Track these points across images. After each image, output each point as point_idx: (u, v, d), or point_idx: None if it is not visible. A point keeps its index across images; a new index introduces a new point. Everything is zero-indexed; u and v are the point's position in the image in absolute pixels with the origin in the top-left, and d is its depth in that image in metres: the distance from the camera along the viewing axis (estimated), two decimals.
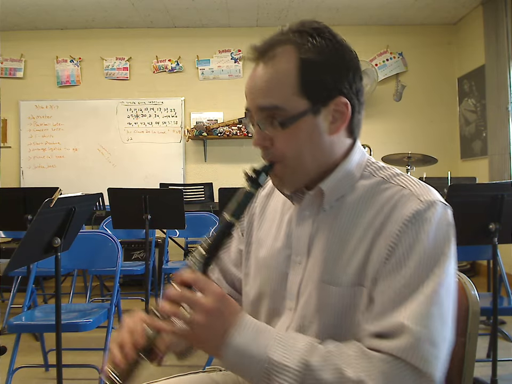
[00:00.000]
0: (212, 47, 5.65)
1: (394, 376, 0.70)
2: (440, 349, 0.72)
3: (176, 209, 2.97)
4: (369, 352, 0.72)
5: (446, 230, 0.77)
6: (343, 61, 0.81)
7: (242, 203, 0.82)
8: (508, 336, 2.97)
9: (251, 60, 0.83)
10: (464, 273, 1.02)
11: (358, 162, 0.86)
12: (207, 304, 0.73)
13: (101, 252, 2.43)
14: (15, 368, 2.24)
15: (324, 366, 0.71)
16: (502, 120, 4.51)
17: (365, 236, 0.80)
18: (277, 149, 0.82)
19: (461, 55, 5.52)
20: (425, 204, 0.77)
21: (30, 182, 5.53)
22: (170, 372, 0.97)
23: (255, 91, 0.82)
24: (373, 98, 5.56)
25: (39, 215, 1.68)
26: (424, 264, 0.74)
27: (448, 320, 0.74)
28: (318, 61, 0.79)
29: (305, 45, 0.79)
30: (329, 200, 0.85)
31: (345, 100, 0.81)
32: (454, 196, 2.06)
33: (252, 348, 0.73)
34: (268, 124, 0.81)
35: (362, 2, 5.00)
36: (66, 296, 3.24)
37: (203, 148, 5.63)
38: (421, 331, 0.70)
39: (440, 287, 0.73)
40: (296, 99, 0.79)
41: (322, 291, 0.82)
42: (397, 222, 0.76)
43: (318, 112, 0.80)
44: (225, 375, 1.07)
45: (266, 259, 0.93)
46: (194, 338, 0.74)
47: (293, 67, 0.79)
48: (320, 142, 0.82)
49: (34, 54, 5.67)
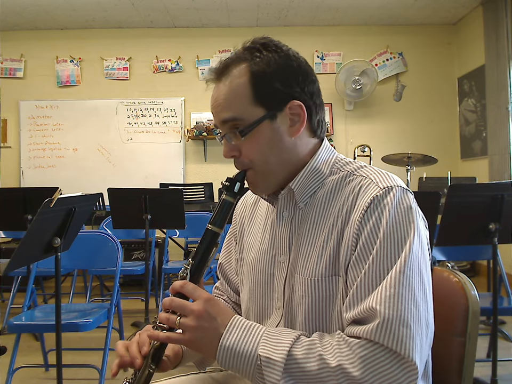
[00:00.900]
0: (212, 47, 5.65)
1: (372, 359, 0.72)
2: (414, 329, 0.73)
3: (176, 209, 2.97)
4: (348, 339, 0.75)
5: (405, 213, 0.79)
6: (290, 68, 0.88)
7: (222, 212, 0.87)
8: (507, 336, 2.97)
9: (211, 81, 0.91)
10: (464, 273, 1.02)
11: (325, 160, 0.92)
12: (195, 308, 0.77)
13: (101, 252, 2.43)
14: (15, 368, 2.24)
15: (308, 356, 0.75)
16: (502, 120, 4.51)
17: (334, 226, 0.84)
18: (244, 157, 0.89)
19: (461, 55, 5.53)
20: (384, 189, 0.81)
21: (30, 182, 5.53)
22: (172, 372, 0.97)
23: (217, 107, 0.89)
24: (373, 98, 5.56)
25: (39, 215, 1.68)
26: (388, 248, 0.77)
27: (420, 301, 0.75)
28: (267, 71, 0.86)
29: (254, 59, 0.87)
30: (301, 197, 0.90)
31: (298, 103, 0.87)
32: (454, 196, 2.06)
33: (242, 347, 0.76)
34: (232, 135, 0.88)
35: (362, 2, 5.00)
36: (66, 296, 3.24)
37: (203, 147, 5.63)
38: (390, 312, 0.73)
39: (407, 269, 0.75)
40: (253, 108, 0.86)
41: (302, 285, 0.86)
42: (359, 210, 0.81)
43: (275, 117, 0.87)
44: (226, 375, 1.08)
45: (255, 262, 0.97)
46: (189, 342, 0.78)
47: (245, 80, 0.86)
48: (283, 145, 0.88)
49: (34, 54, 5.67)
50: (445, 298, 1.01)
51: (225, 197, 0.88)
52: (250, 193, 1.09)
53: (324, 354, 0.74)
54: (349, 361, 0.72)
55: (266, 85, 0.86)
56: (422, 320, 0.75)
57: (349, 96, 5.44)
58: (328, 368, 0.73)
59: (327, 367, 0.73)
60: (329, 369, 0.73)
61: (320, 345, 0.76)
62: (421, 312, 0.75)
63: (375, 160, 4.70)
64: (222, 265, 1.13)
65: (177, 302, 0.79)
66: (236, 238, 1.09)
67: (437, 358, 1.01)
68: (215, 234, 0.86)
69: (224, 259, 1.13)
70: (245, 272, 1.01)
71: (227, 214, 0.87)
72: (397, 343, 0.72)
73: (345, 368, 0.72)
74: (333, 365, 0.72)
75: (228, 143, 0.89)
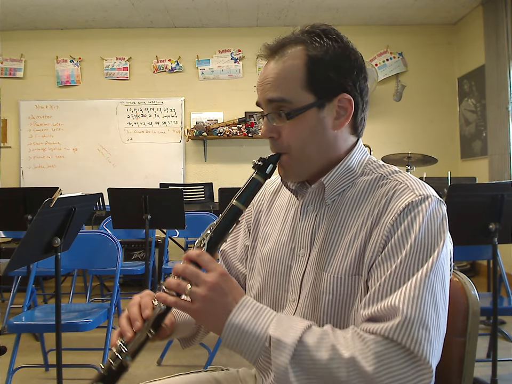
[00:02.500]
0: (212, 47, 5.65)
1: (387, 356, 0.71)
2: (432, 334, 0.73)
3: (176, 209, 2.97)
4: (363, 334, 0.74)
5: (439, 223, 0.79)
6: (347, 60, 0.87)
7: (249, 190, 0.85)
8: (507, 336, 2.97)
9: (263, 57, 0.89)
10: (464, 273, 1.02)
11: (359, 160, 0.91)
12: (208, 279, 0.75)
13: (101, 252, 2.43)
14: (15, 368, 2.24)
15: (320, 345, 0.73)
16: (502, 120, 4.51)
17: (362, 227, 0.83)
18: (283, 140, 0.87)
19: (461, 55, 5.53)
20: (420, 196, 0.80)
21: (30, 182, 5.54)
22: (172, 371, 0.97)
23: (265, 85, 0.87)
24: (373, 98, 5.55)
25: (39, 215, 1.68)
26: (417, 252, 0.77)
27: (441, 309, 0.75)
28: (324, 59, 0.84)
29: (313, 44, 0.85)
30: (330, 194, 0.89)
31: (348, 97, 0.86)
32: (454, 195, 2.06)
33: (252, 327, 0.75)
34: (275, 116, 0.86)
35: (362, 2, 5.00)
36: (66, 296, 3.24)
37: (203, 147, 5.63)
38: (412, 313, 0.72)
39: (432, 275, 0.75)
40: (303, 93, 0.84)
41: (322, 281, 0.85)
42: (392, 213, 0.80)
43: (323, 107, 0.85)
44: (227, 374, 1.09)
45: (272, 252, 0.96)
46: (195, 312, 0.76)
47: (300, 63, 0.84)
48: (324, 136, 0.87)
49: (34, 54, 5.67)
50: None
51: (256, 176, 0.86)
52: (270, 182, 1.07)
53: (336, 345, 0.73)
54: (363, 355, 0.71)
55: (321, 72, 0.84)
56: (440, 327, 0.75)
57: None
58: (340, 359, 0.71)
59: (338, 358, 0.71)
60: (341, 360, 0.71)
61: (333, 336, 0.75)
62: (440, 319, 0.75)
63: None
64: (225, 252, 1.10)
65: (191, 269, 0.76)
66: (249, 225, 1.06)
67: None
68: (239, 211, 0.84)
69: (228, 245, 1.10)
70: (258, 261, 0.99)
71: (254, 193, 0.86)
72: (415, 344, 0.71)
73: (358, 361, 0.70)
74: (345, 356, 0.71)
75: (268, 123, 0.88)
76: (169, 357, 2.69)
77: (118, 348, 0.80)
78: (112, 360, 0.79)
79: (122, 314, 0.85)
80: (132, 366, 0.81)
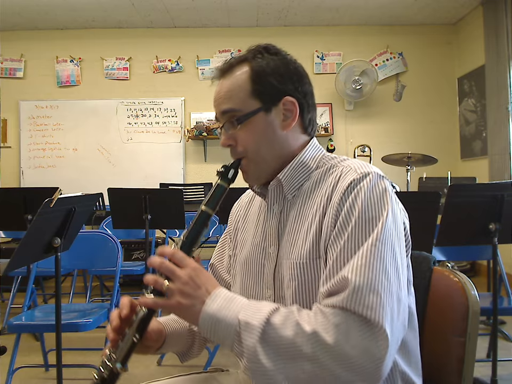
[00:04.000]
0: (212, 47, 5.65)
1: (346, 326, 0.75)
2: (384, 298, 0.76)
3: (176, 209, 2.97)
4: (323, 308, 0.79)
5: (380, 195, 0.84)
6: (287, 69, 0.96)
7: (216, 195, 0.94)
8: (507, 336, 2.97)
9: (216, 78, 1.00)
10: (464, 273, 1.02)
11: (313, 156, 0.98)
12: (182, 274, 0.81)
13: (101, 252, 2.43)
14: (15, 368, 2.25)
15: (285, 323, 0.78)
16: (502, 120, 4.51)
17: (317, 211, 0.90)
18: (239, 145, 0.96)
19: (461, 55, 5.53)
20: (361, 174, 0.87)
21: (30, 182, 5.54)
22: (172, 372, 0.97)
23: (218, 100, 0.97)
24: (373, 98, 5.56)
25: (39, 215, 1.68)
26: (362, 225, 0.82)
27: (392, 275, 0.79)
28: (266, 70, 0.95)
29: (256, 60, 0.96)
30: (289, 189, 0.96)
31: (291, 99, 0.95)
32: (454, 195, 2.06)
33: (224, 314, 0.79)
34: (230, 125, 0.95)
35: (362, 2, 5.00)
36: (66, 296, 3.24)
37: (203, 148, 5.63)
38: (361, 280, 0.77)
39: (379, 243, 0.80)
40: (250, 101, 0.94)
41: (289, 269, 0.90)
42: (338, 193, 0.87)
43: (270, 111, 0.95)
44: (227, 375, 1.09)
45: (248, 256, 1.02)
46: (173, 307, 0.81)
47: (246, 77, 0.95)
48: (275, 137, 0.95)
49: (34, 54, 5.67)
50: (445, 298, 1.01)
51: (220, 182, 0.95)
52: (245, 195, 1.15)
53: (300, 321, 0.77)
54: (323, 327, 0.75)
55: (264, 81, 0.94)
56: (393, 293, 0.78)
57: (349, 96, 5.44)
58: (303, 333, 0.75)
59: (302, 333, 0.76)
60: (304, 334, 0.75)
61: (297, 314, 0.79)
62: (392, 285, 0.78)
63: (375, 160, 4.70)
64: (214, 265, 1.17)
65: (167, 265, 0.81)
66: (231, 235, 1.14)
67: (437, 358, 1.01)
68: (208, 216, 0.91)
69: (216, 259, 1.17)
70: (237, 267, 1.05)
71: (220, 197, 0.93)
72: (367, 310, 0.75)
73: (319, 334, 0.75)
74: (308, 331, 0.75)
75: (225, 132, 0.97)
76: (169, 357, 2.69)
77: (107, 355, 0.84)
78: (103, 368, 0.83)
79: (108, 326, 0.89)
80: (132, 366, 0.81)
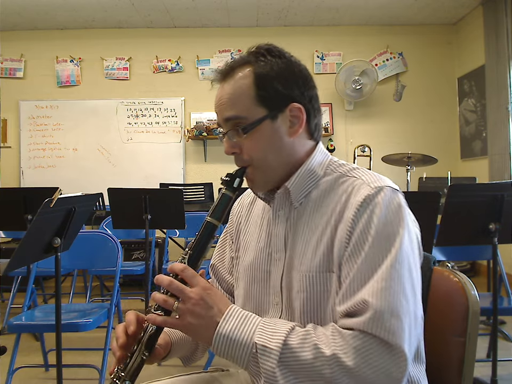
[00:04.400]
0: (212, 47, 5.65)
1: (365, 350, 0.75)
2: (404, 321, 0.76)
3: (176, 209, 2.97)
4: (342, 330, 0.78)
5: (396, 211, 0.83)
6: (291, 72, 0.93)
7: (221, 205, 0.91)
8: (507, 336, 2.97)
9: (216, 82, 0.96)
10: (464, 273, 1.02)
11: (320, 162, 0.96)
12: (192, 296, 0.80)
13: (101, 252, 2.43)
14: (15, 368, 2.25)
15: (303, 345, 0.77)
16: (502, 120, 4.51)
17: (328, 224, 0.88)
18: (244, 153, 0.93)
19: (461, 55, 5.53)
20: (375, 189, 0.85)
21: (30, 182, 5.53)
22: (172, 371, 0.97)
23: (221, 106, 0.94)
24: (373, 98, 5.56)
25: (39, 215, 1.68)
26: (379, 244, 0.80)
27: (409, 295, 0.79)
28: (270, 74, 0.91)
29: (259, 63, 0.92)
30: (296, 197, 0.94)
31: (298, 105, 0.92)
32: (454, 195, 2.06)
33: (238, 335, 0.79)
34: (234, 133, 0.92)
35: (362, 2, 5.00)
36: (66, 296, 3.24)
37: (203, 148, 5.63)
38: (381, 304, 0.76)
39: (397, 263, 0.79)
40: (255, 108, 0.91)
41: (298, 280, 0.89)
42: (352, 208, 0.84)
43: (276, 118, 0.91)
44: (227, 375, 1.09)
45: (252, 260, 1.00)
46: (184, 327, 0.81)
47: (249, 82, 0.91)
48: (282, 144, 0.93)
49: (34, 54, 5.67)
50: (445, 298, 1.01)
51: (225, 191, 0.92)
52: (247, 194, 1.13)
53: (318, 344, 0.76)
54: (343, 351, 0.75)
55: (269, 87, 0.91)
56: (410, 312, 0.78)
57: (349, 96, 5.44)
58: (323, 357, 0.75)
59: (321, 356, 0.75)
60: (324, 358, 0.75)
61: (314, 336, 0.78)
62: (410, 304, 0.78)
63: (375, 160, 4.70)
64: (215, 266, 1.15)
65: (176, 285, 0.81)
66: (232, 237, 1.11)
67: (437, 358, 1.01)
68: (214, 227, 0.89)
69: (217, 259, 1.15)
70: (241, 270, 1.03)
71: (225, 207, 0.91)
72: (388, 334, 0.75)
73: (339, 358, 0.74)
74: (327, 354, 0.75)
75: (229, 140, 0.93)
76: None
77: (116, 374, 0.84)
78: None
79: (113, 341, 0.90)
80: None
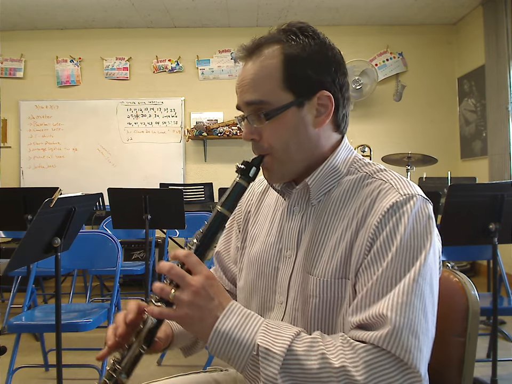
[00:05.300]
0: (212, 47, 5.65)
1: (377, 365, 0.69)
2: (422, 339, 0.71)
3: (176, 209, 2.97)
4: (353, 342, 0.72)
5: (425, 223, 0.77)
6: (325, 57, 0.85)
7: (234, 195, 0.84)
8: (507, 336, 2.97)
9: (240, 58, 0.88)
10: (464, 273, 1.02)
11: (344, 158, 0.89)
12: (193, 283, 0.73)
13: (101, 252, 2.43)
14: (15, 368, 2.24)
15: (309, 353, 0.71)
16: (502, 120, 4.51)
17: (348, 228, 0.81)
18: (264, 141, 0.85)
19: (461, 55, 5.52)
20: (404, 196, 0.78)
21: (30, 182, 5.53)
22: (172, 371, 0.97)
23: (243, 87, 0.85)
24: (373, 98, 5.56)
25: (39, 215, 1.68)
26: (403, 255, 0.74)
27: (429, 313, 0.74)
28: (301, 56, 0.83)
29: (290, 42, 0.83)
30: (315, 194, 0.87)
31: (328, 94, 0.84)
32: (454, 195, 2.06)
33: (239, 334, 0.72)
34: (255, 118, 0.84)
35: (362, 2, 5.00)
36: (66, 296, 3.24)
37: (203, 148, 5.63)
38: (401, 320, 0.70)
39: (420, 278, 0.73)
40: (281, 93, 0.83)
41: (309, 283, 0.83)
42: (376, 214, 0.78)
43: (302, 105, 0.84)
44: (226, 375, 1.08)
45: (259, 254, 0.94)
46: (180, 318, 0.74)
47: (277, 62, 0.83)
48: (306, 135, 0.85)
49: (34, 54, 5.67)
50: (445, 298, 1.01)
51: (239, 180, 0.84)
52: (259, 182, 1.05)
53: (326, 354, 0.71)
54: (353, 364, 0.69)
55: (298, 70, 0.82)
56: (429, 331, 0.73)
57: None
58: (330, 368, 0.70)
59: (328, 367, 0.70)
60: (331, 369, 0.69)
61: (322, 344, 0.73)
62: (429, 323, 0.74)
63: (375, 160, 4.66)
64: (220, 253, 1.09)
65: (177, 270, 0.73)
66: (240, 225, 1.05)
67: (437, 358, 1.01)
68: (224, 217, 0.82)
69: (222, 247, 1.09)
70: (246, 262, 0.98)
71: (238, 197, 0.84)
72: (405, 353, 0.69)
73: (348, 371, 0.69)
74: (336, 366, 0.69)
75: (249, 125, 0.86)
76: (169, 357, 2.69)
77: (112, 366, 0.79)
78: (108, 380, 0.78)
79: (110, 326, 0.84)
80: None
